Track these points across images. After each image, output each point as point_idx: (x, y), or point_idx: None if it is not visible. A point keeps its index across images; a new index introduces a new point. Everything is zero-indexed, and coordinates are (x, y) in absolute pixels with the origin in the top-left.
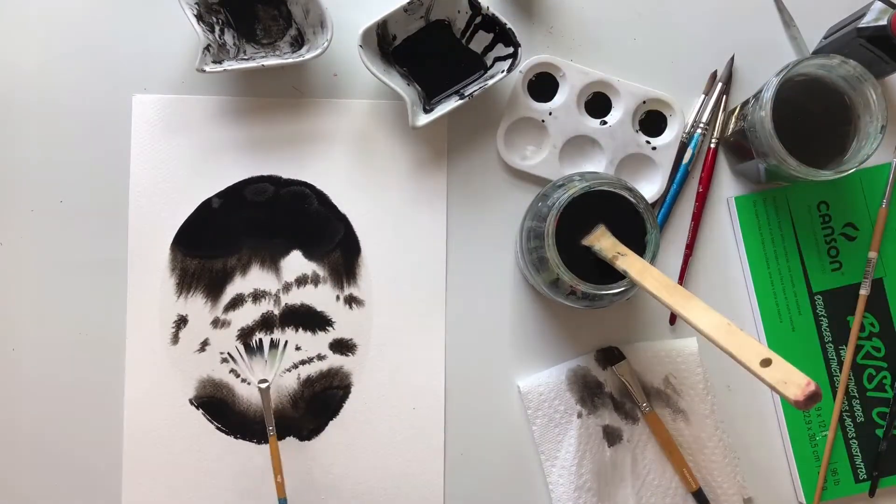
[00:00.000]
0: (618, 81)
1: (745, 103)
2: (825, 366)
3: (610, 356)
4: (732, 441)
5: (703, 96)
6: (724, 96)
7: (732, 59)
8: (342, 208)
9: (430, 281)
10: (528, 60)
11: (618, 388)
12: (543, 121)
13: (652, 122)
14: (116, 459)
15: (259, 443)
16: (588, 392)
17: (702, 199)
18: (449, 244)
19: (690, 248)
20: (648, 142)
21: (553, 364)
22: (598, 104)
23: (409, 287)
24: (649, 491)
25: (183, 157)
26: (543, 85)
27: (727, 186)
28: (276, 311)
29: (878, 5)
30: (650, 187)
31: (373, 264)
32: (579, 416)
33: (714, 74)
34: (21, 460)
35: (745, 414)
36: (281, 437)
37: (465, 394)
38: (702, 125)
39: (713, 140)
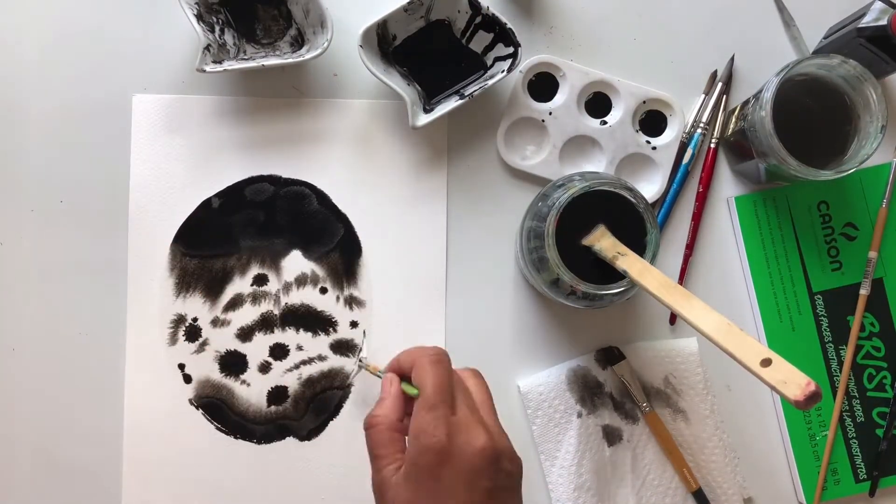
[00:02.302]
0: (618, 81)
1: (746, 103)
2: (825, 365)
3: (610, 356)
4: (732, 441)
5: (703, 96)
6: (724, 96)
7: (732, 58)
8: (342, 208)
9: (430, 281)
10: (529, 60)
11: (618, 388)
12: (543, 121)
13: (652, 122)
14: (117, 459)
15: (259, 443)
16: (588, 392)
17: (702, 199)
18: (449, 244)
19: (690, 247)
20: (648, 142)
21: (553, 364)
22: (598, 104)
23: (408, 287)
24: (649, 491)
25: (183, 156)
26: (543, 85)
27: (727, 186)
28: (276, 311)
29: (878, 5)
30: (650, 187)
31: (373, 264)
32: (579, 415)
33: (714, 74)
34: (21, 460)
35: (745, 414)
36: (281, 437)
37: None
38: (702, 125)
39: (713, 140)
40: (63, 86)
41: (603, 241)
